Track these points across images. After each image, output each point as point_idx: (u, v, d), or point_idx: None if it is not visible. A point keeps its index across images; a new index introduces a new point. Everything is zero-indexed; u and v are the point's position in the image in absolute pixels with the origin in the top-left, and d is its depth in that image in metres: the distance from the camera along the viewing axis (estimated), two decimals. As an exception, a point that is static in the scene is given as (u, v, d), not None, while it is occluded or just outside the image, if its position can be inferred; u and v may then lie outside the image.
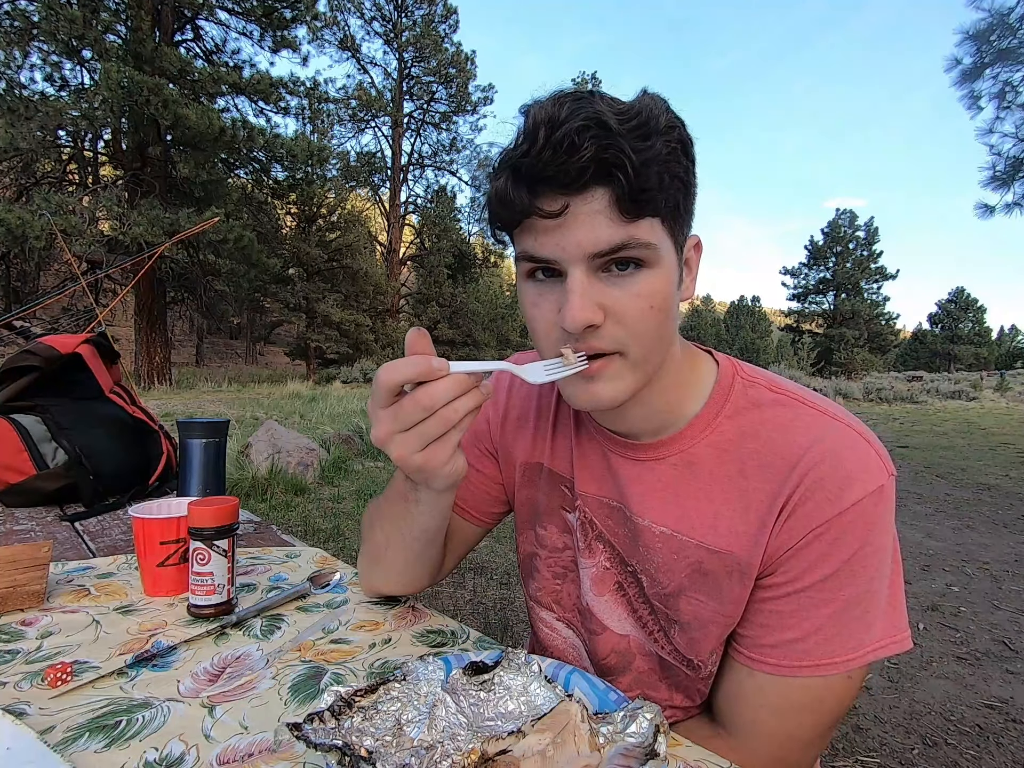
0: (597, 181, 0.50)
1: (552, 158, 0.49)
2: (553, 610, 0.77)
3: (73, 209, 13.53)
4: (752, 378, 0.64)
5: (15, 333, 13.59)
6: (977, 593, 3.20)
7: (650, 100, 0.53)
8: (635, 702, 0.45)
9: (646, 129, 0.50)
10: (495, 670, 0.52)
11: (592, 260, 0.53)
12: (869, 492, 0.55)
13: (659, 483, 0.64)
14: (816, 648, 0.56)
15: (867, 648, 0.55)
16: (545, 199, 0.52)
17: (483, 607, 2.87)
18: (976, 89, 8.75)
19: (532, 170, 0.51)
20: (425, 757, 0.43)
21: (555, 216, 0.52)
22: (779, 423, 0.60)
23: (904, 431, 10.60)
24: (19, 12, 12.68)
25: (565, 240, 0.52)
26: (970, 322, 50.13)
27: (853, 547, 0.55)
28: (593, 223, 0.51)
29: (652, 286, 0.54)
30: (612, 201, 0.51)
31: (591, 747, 0.42)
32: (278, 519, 4.14)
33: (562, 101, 0.51)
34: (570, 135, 0.49)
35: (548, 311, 0.56)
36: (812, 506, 0.56)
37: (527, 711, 0.49)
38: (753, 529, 0.59)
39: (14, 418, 1.25)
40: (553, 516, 0.75)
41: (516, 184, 0.52)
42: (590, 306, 0.53)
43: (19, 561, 0.75)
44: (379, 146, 32.22)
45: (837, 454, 0.56)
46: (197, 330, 28.90)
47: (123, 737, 0.49)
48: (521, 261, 0.57)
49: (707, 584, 0.61)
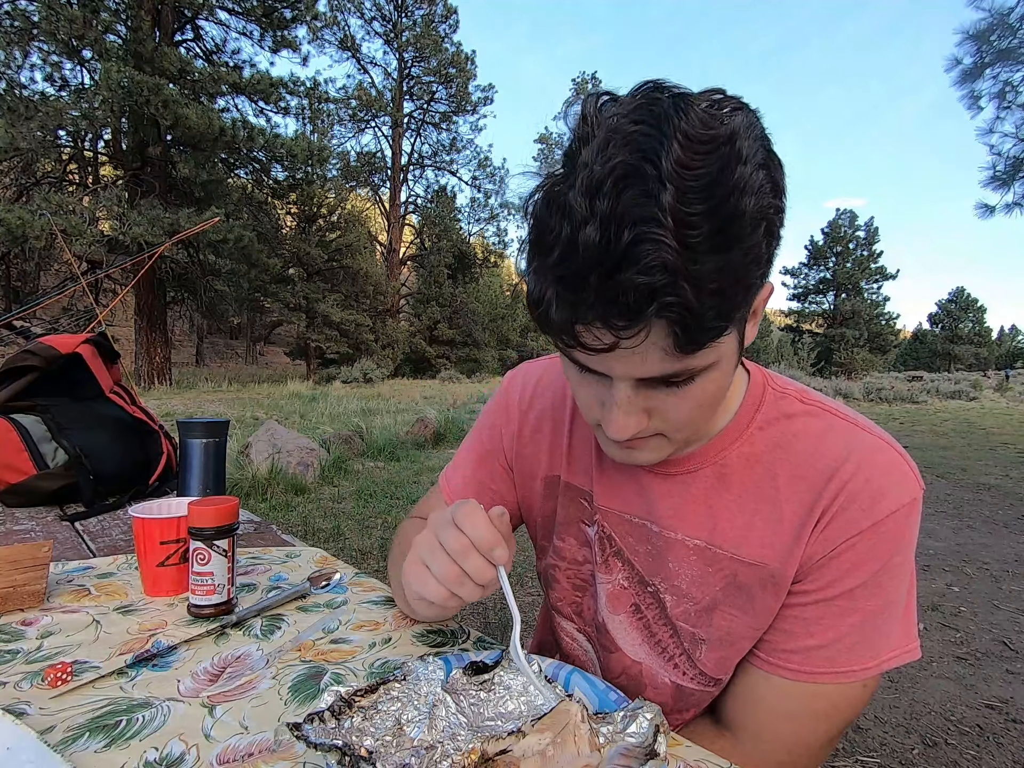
0: (655, 315, 0.42)
1: (605, 312, 0.42)
2: (574, 621, 0.76)
3: (73, 209, 13.54)
4: (783, 389, 0.63)
5: (15, 333, 13.61)
6: (977, 593, 3.20)
7: (744, 141, 0.40)
8: (635, 702, 0.45)
9: (730, 234, 0.40)
10: (495, 670, 0.53)
11: (642, 379, 0.48)
12: (903, 504, 0.55)
13: (691, 496, 0.63)
14: (838, 656, 0.56)
15: (884, 657, 0.56)
16: (590, 333, 0.45)
17: (483, 607, 2.87)
18: (976, 89, 8.76)
19: (578, 299, 0.43)
20: (425, 757, 0.43)
21: (601, 352, 0.46)
22: (811, 434, 0.59)
23: (904, 431, 10.60)
24: (19, 12, 12.68)
25: (613, 364, 0.47)
26: (970, 322, 50.17)
27: (883, 559, 0.55)
28: (645, 355, 0.45)
29: (705, 389, 0.50)
30: (669, 333, 0.43)
31: (591, 747, 0.42)
32: (278, 519, 4.14)
33: (616, 175, 0.39)
34: (628, 292, 0.40)
35: (591, 396, 0.53)
36: (847, 517, 0.55)
37: (527, 711, 0.49)
38: (787, 540, 0.58)
39: (14, 418, 1.25)
40: (571, 528, 0.73)
41: (560, 307, 0.44)
42: (635, 418, 0.50)
43: (19, 561, 0.75)
44: (379, 146, 32.29)
45: (872, 466, 0.56)
46: (197, 330, 28.91)
47: (123, 737, 0.49)
48: (562, 346, 0.50)
49: (741, 597, 0.60)
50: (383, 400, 13.08)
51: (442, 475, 0.84)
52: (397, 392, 15.92)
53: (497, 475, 0.79)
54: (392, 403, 12.29)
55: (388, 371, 23.50)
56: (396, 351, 27.25)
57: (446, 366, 27.85)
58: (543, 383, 0.79)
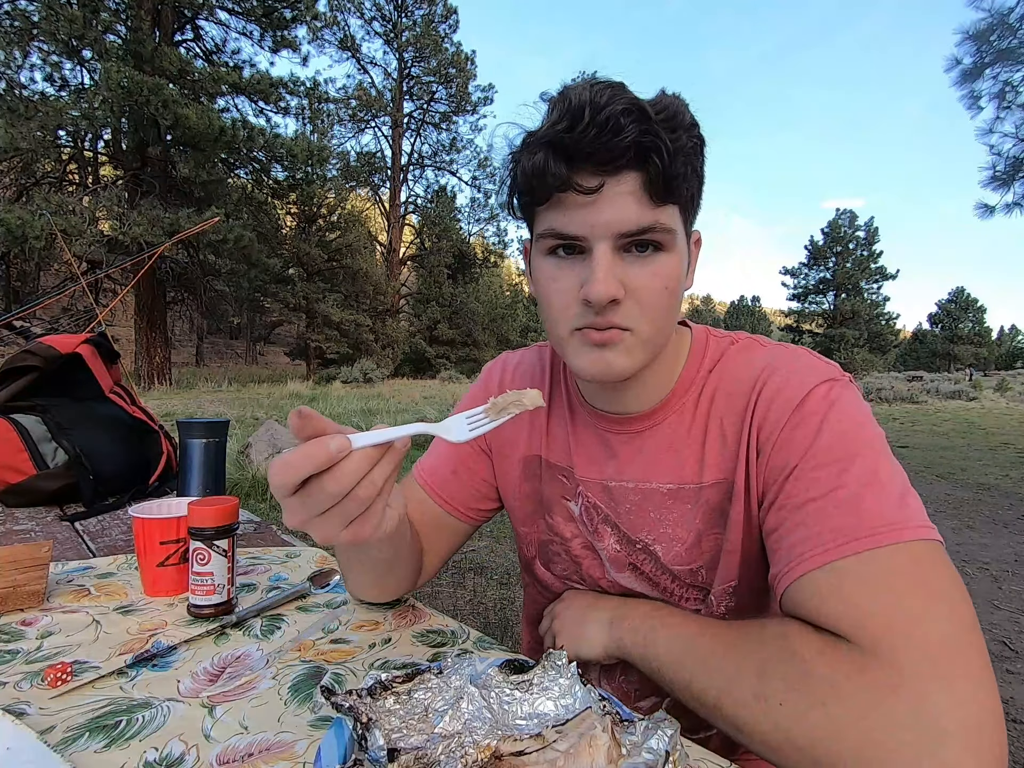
0: (632, 164, 0.54)
1: (596, 137, 0.52)
2: (583, 585, 0.77)
3: (73, 209, 13.54)
4: (723, 335, 0.72)
5: (15, 333, 13.61)
6: (977, 593, 3.20)
7: (674, 98, 0.56)
8: (659, 713, 0.44)
9: (675, 122, 0.54)
10: (534, 669, 0.52)
11: (618, 239, 0.56)
12: (821, 381, 0.60)
13: (659, 447, 0.68)
14: (855, 526, 0.50)
15: (911, 524, 0.50)
16: (582, 175, 0.54)
17: (483, 607, 2.87)
18: (976, 89, 8.75)
19: (575, 146, 0.53)
20: (440, 744, 0.43)
21: (591, 192, 0.54)
22: (740, 360, 0.67)
23: (904, 431, 10.60)
24: (19, 12, 12.68)
25: (595, 218, 0.55)
26: (970, 322, 50.15)
27: (828, 428, 0.56)
28: (624, 204, 0.54)
29: (668, 268, 0.58)
30: (643, 184, 0.54)
31: (607, 759, 0.41)
32: (278, 519, 4.14)
33: (599, 87, 0.54)
34: (615, 116, 0.51)
35: (568, 286, 0.59)
36: (775, 413, 0.60)
37: (565, 715, 0.48)
38: (732, 450, 0.64)
39: (14, 418, 1.25)
40: (557, 506, 0.76)
41: (555, 158, 0.54)
42: (614, 281, 0.56)
43: (19, 561, 0.75)
44: (379, 146, 32.28)
45: (787, 367, 0.63)
46: (197, 330, 28.91)
47: (123, 737, 0.49)
48: (544, 238, 0.59)
49: (716, 516, 0.65)
50: (383, 400, 13.08)
51: (416, 463, 0.85)
52: (397, 392, 15.91)
53: (471, 458, 0.81)
54: (392, 403, 12.28)
55: (388, 371, 23.49)
56: (396, 351, 27.25)
57: (446, 366, 27.83)
58: (520, 368, 0.84)
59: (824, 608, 0.49)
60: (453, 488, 0.80)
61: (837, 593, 0.49)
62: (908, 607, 0.46)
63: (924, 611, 0.46)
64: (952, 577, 0.48)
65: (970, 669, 0.44)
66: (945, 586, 0.48)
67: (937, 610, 0.46)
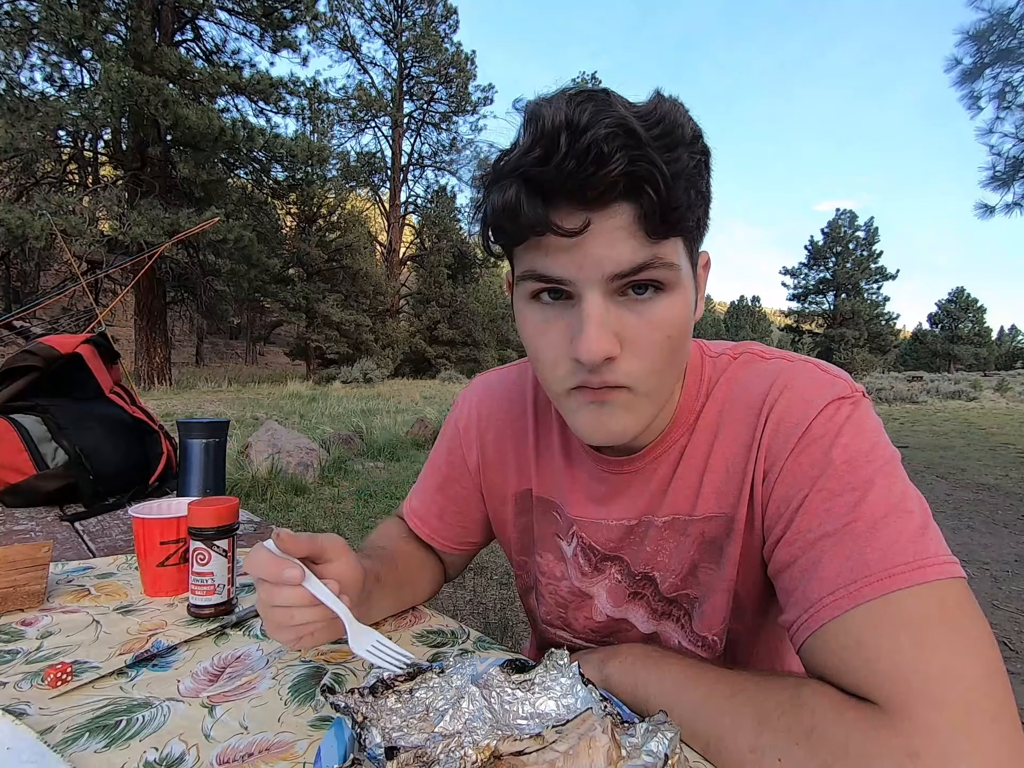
0: (623, 196, 0.46)
1: (576, 170, 0.44)
2: (567, 631, 0.76)
3: (73, 209, 13.53)
4: (717, 353, 0.66)
5: (15, 333, 13.62)
6: (977, 593, 3.17)
7: (669, 105, 0.47)
8: (658, 715, 0.44)
9: (672, 139, 0.45)
10: (536, 669, 0.52)
11: (610, 282, 0.48)
12: (828, 402, 0.54)
13: (659, 480, 0.64)
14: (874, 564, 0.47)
15: (935, 561, 0.46)
16: (563, 214, 0.46)
17: (483, 607, 2.87)
18: (976, 89, 8.75)
19: (551, 182, 0.45)
20: (441, 744, 0.43)
21: (573, 235, 0.46)
22: (739, 381, 0.61)
23: (904, 431, 10.60)
24: (19, 12, 12.66)
25: (583, 259, 0.47)
26: (970, 322, 50.11)
27: (837, 454, 0.51)
28: (615, 239, 0.47)
29: (671, 312, 0.51)
30: (637, 218, 0.46)
31: (607, 760, 0.41)
32: (278, 519, 4.14)
33: (577, 101, 0.45)
34: (597, 144, 0.43)
35: (557, 340, 0.52)
36: (780, 439, 0.55)
37: (566, 714, 0.48)
38: (736, 481, 0.59)
39: (14, 418, 1.25)
40: (547, 543, 0.74)
41: (530, 196, 0.46)
42: (607, 336, 0.48)
43: (19, 561, 0.75)
44: (379, 146, 32.27)
45: (792, 387, 0.57)
46: (197, 330, 28.90)
47: (123, 737, 0.49)
48: (525, 281, 0.51)
49: (713, 551, 0.62)
50: (383, 400, 13.08)
51: (406, 500, 0.85)
52: (397, 392, 15.91)
53: (460, 498, 0.80)
54: (392, 403, 12.28)
55: (388, 371, 23.48)
56: (396, 351, 27.23)
57: (446, 366, 27.82)
58: (498, 394, 0.78)
59: (844, 668, 0.45)
60: (443, 530, 0.81)
61: (856, 649, 0.45)
62: (934, 663, 0.42)
63: (951, 667, 0.42)
64: (978, 619, 0.45)
65: (1000, 734, 0.40)
66: (973, 635, 0.44)
67: (964, 666, 0.42)
